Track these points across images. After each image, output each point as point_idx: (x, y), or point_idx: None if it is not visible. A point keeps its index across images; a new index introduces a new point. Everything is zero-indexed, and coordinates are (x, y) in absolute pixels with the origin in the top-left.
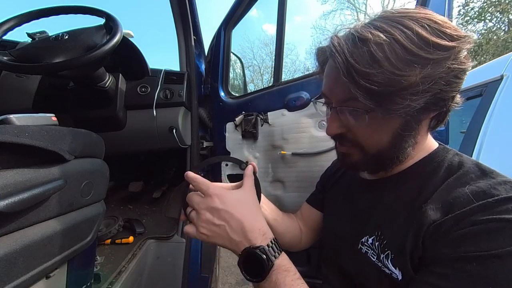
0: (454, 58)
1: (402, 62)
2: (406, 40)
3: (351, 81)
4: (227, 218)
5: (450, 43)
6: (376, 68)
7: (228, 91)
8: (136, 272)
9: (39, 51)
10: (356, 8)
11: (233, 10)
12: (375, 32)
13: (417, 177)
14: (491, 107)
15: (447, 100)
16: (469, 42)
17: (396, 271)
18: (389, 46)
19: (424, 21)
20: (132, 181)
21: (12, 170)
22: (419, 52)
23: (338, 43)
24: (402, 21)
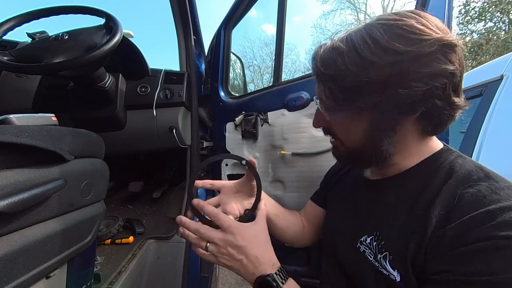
0: (409, 63)
1: (355, 66)
2: (363, 48)
3: (319, 83)
4: (246, 253)
5: (405, 48)
6: (337, 72)
7: (228, 91)
8: (136, 272)
9: (39, 51)
10: (356, 8)
11: (233, 10)
12: (340, 43)
13: (418, 178)
14: (491, 107)
15: (416, 104)
16: (432, 45)
17: (394, 273)
18: (347, 54)
19: (391, 28)
20: (132, 181)
21: (12, 170)
22: (372, 57)
23: (316, 51)
24: (370, 29)
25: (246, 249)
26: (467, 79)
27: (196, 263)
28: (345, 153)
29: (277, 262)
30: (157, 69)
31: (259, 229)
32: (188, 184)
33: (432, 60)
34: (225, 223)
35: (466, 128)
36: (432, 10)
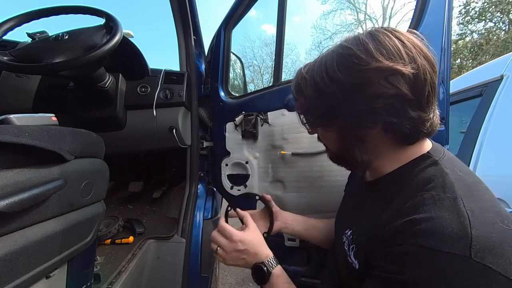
0: (347, 90)
1: (312, 93)
2: (317, 76)
3: (295, 104)
4: (247, 253)
5: (345, 78)
6: (302, 97)
7: (228, 91)
8: (136, 272)
9: (39, 51)
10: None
11: (233, 10)
12: (307, 70)
13: (389, 183)
14: (491, 107)
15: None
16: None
17: (356, 261)
18: (309, 83)
19: (340, 58)
20: (132, 181)
21: (12, 170)
22: (323, 88)
23: (295, 75)
24: (327, 59)
25: (247, 251)
26: (467, 79)
27: (196, 263)
28: (332, 156)
29: (271, 254)
30: (157, 69)
31: (253, 233)
32: (188, 184)
33: (370, 86)
34: (228, 233)
35: (466, 128)
36: (432, 10)
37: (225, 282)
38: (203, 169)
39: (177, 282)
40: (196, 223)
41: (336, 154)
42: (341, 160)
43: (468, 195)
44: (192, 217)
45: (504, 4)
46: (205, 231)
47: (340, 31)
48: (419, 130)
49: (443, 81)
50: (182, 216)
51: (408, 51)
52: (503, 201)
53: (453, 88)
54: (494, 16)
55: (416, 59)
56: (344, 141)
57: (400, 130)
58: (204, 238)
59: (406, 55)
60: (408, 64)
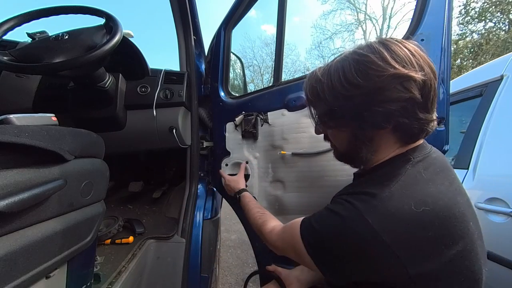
0: (368, 94)
1: (330, 96)
2: (335, 80)
3: (309, 105)
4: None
5: (364, 83)
6: (319, 99)
7: (228, 91)
8: (136, 272)
9: (39, 51)
10: (356, 8)
11: (233, 10)
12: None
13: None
14: (491, 107)
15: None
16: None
17: None
18: (326, 85)
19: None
20: (132, 181)
21: (12, 170)
22: (341, 90)
23: (307, 78)
24: (343, 64)
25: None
26: (467, 79)
27: (196, 263)
28: (340, 155)
29: (243, 187)
30: (157, 69)
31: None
32: (188, 184)
33: (388, 90)
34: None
35: (466, 128)
36: (432, 10)
37: (225, 282)
38: (203, 169)
39: (177, 282)
40: (196, 223)
41: (344, 153)
42: (348, 158)
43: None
44: (192, 217)
45: (504, 4)
46: (205, 231)
47: (340, 31)
48: (425, 130)
49: (443, 81)
50: (182, 216)
51: (417, 60)
52: (503, 201)
53: (453, 88)
54: (494, 16)
55: (423, 67)
56: (356, 141)
57: (409, 130)
58: (204, 238)
59: (416, 63)
60: (418, 71)
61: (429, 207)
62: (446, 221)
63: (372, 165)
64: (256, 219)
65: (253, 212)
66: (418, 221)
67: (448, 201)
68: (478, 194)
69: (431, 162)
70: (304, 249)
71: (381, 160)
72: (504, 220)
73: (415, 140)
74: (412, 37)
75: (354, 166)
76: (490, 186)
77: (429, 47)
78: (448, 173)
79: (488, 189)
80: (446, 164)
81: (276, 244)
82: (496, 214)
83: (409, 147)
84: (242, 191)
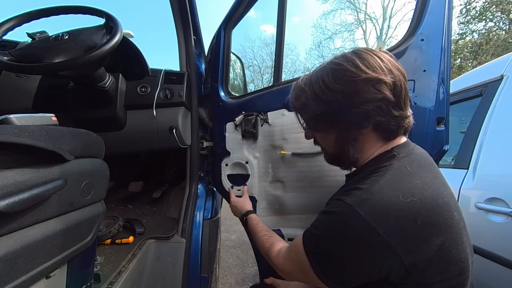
0: (346, 97)
1: (313, 102)
2: (316, 87)
3: (295, 112)
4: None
5: (341, 87)
6: (302, 106)
7: (228, 91)
8: (136, 272)
9: (39, 51)
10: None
11: (233, 10)
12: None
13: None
14: (491, 107)
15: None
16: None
17: None
18: (308, 92)
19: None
20: (132, 181)
21: (12, 170)
22: (322, 95)
23: (293, 86)
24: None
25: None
26: (467, 79)
27: (196, 263)
28: (329, 158)
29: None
30: (157, 69)
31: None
32: (188, 184)
33: (363, 92)
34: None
35: (466, 128)
36: (432, 10)
37: (225, 282)
38: (203, 169)
39: (177, 282)
40: (196, 223)
41: (333, 155)
42: (337, 160)
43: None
44: (192, 217)
45: (504, 3)
46: (205, 231)
47: (340, 31)
48: (402, 126)
49: (443, 81)
50: (182, 216)
51: (386, 65)
52: (503, 201)
53: (453, 88)
54: (495, 16)
55: (392, 71)
56: (342, 141)
57: (387, 127)
58: (204, 238)
59: (385, 68)
60: (388, 74)
61: (416, 198)
62: (432, 210)
63: (361, 165)
64: (264, 242)
65: (260, 235)
66: (407, 210)
67: (432, 192)
68: (478, 194)
69: (414, 158)
70: (308, 264)
71: (368, 159)
72: (504, 220)
73: (395, 136)
74: (412, 37)
75: (344, 168)
76: (490, 186)
77: (429, 47)
78: (431, 168)
79: (488, 189)
80: (429, 159)
81: (283, 268)
82: (496, 214)
83: (393, 144)
84: (248, 213)
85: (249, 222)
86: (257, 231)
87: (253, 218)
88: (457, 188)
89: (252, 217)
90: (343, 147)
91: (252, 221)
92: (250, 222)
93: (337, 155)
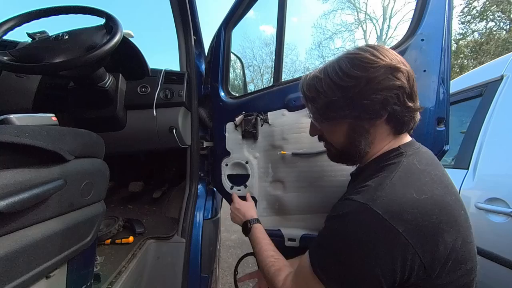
0: (365, 83)
1: (329, 89)
2: (333, 75)
3: (307, 102)
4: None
5: (361, 74)
6: (317, 94)
7: (228, 91)
8: (136, 272)
9: (39, 51)
10: (356, 8)
11: (233, 10)
12: (318, 73)
13: (367, 169)
14: (491, 107)
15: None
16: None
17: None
18: (323, 80)
19: (352, 60)
20: (132, 181)
21: (12, 170)
22: (340, 82)
23: (303, 79)
24: (339, 61)
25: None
26: (467, 79)
27: (196, 263)
28: (336, 154)
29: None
30: (157, 69)
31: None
32: (188, 184)
33: (382, 79)
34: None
35: (466, 128)
36: (432, 10)
37: (225, 282)
38: (203, 169)
39: (177, 282)
40: (196, 223)
41: (341, 149)
42: (344, 155)
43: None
44: (192, 217)
45: (505, 3)
46: (205, 231)
47: (340, 31)
48: (413, 119)
49: (443, 81)
50: (182, 216)
51: (398, 57)
52: (503, 201)
53: (453, 88)
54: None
55: (404, 63)
56: (354, 133)
57: (402, 118)
58: (204, 238)
59: (399, 59)
60: (402, 64)
61: (428, 195)
62: (444, 208)
63: (367, 161)
64: (269, 266)
65: (266, 255)
66: (422, 207)
67: (441, 190)
68: (478, 194)
69: (422, 156)
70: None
71: (376, 155)
72: (504, 220)
73: (407, 128)
74: (412, 37)
75: (350, 163)
76: (490, 186)
77: (429, 47)
78: (438, 166)
79: (488, 189)
80: (435, 158)
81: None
82: (496, 214)
83: (399, 142)
84: (255, 221)
85: (253, 232)
86: (262, 249)
87: (259, 229)
88: (457, 188)
89: (258, 227)
90: (354, 140)
91: (258, 233)
92: (255, 233)
93: (346, 149)
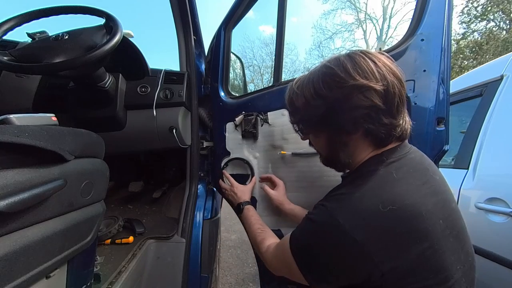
0: (333, 102)
1: (303, 106)
2: (306, 92)
3: (289, 114)
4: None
5: (329, 93)
6: (294, 109)
7: (228, 91)
8: (136, 272)
9: (39, 51)
10: (356, 8)
11: (233, 10)
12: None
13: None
14: (491, 107)
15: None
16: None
17: None
18: (300, 96)
19: (324, 76)
20: (132, 181)
21: (12, 170)
22: (310, 99)
23: (289, 88)
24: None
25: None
26: (467, 79)
27: (196, 263)
28: (324, 160)
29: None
30: (157, 69)
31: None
32: (188, 184)
33: (350, 99)
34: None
35: (466, 128)
36: (432, 10)
37: (225, 282)
38: (203, 169)
39: (177, 282)
40: (196, 223)
41: (326, 157)
42: (330, 162)
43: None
44: (192, 217)
45: (505, 3)
46: (205, 231)
47: (340, 31)
48: (392, 134)
49: (443, 81)
50: (182, 216)
51: (379, 70)
52: (503, 201)
53: (453, 88)
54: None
55: (386, 77)
56: (332, 145)
57: (378, 134)
58: (204, 238)
59: (377, 73)
60: (379, 81)
61: (396, 206)
62: (412, 219)
63: (354, 167)
64: (256, 236)
65: (254, 228)
66: (385, 219)
67: (415, 200)
68: (478, 194)
69: (405, 163)
70: (294, 263)
71: (360, 162)
72: (504, 220)
73: (387, 143)
74: (412, 37)
75: (338, 170)
76: (490, 186)
77: (429, 47)
78: (423, 173)
79: (488, 189)
80: (422, 164)
81: (271, 264)
82: (496, 214)
83: (384, 149)
84: (247, 203)
85: (245, 212)
86: (251, 223)
87: (250, 209)
88: (457, 188)
89: (249, 208)
90: (334, 151)
91: (248, 212)
92: (246, 213)
93: (329, 157)
